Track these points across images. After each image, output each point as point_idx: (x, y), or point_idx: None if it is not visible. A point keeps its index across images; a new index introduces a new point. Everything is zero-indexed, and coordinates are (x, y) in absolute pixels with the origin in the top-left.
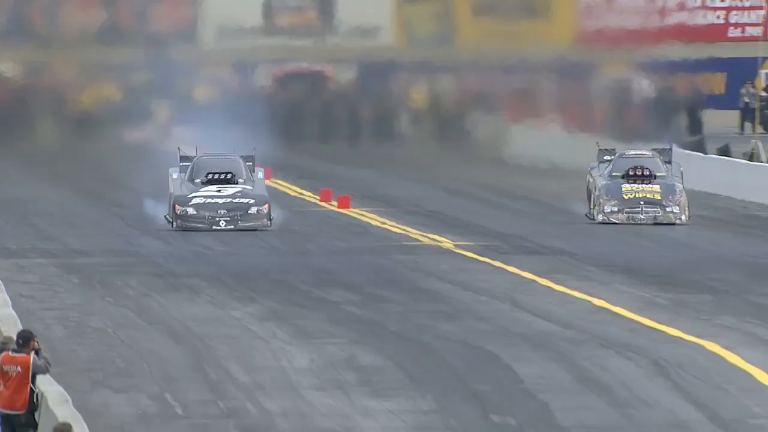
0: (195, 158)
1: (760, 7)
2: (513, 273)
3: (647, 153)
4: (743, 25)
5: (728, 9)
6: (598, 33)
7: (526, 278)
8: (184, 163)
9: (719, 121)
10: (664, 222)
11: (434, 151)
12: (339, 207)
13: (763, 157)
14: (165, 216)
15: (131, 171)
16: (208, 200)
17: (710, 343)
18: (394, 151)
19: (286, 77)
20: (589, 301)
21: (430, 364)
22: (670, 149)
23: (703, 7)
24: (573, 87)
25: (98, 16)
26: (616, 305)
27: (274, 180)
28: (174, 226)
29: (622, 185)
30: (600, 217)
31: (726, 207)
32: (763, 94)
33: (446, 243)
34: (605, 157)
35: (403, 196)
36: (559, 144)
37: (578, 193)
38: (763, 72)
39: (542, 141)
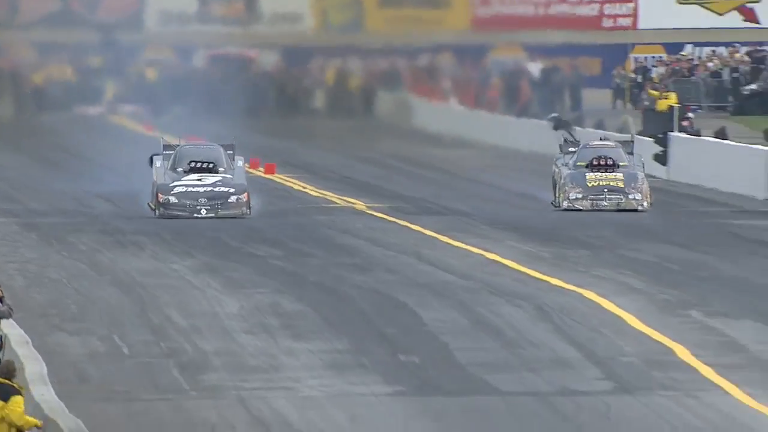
0: (177, 147)
1: (630, 1)
2: (417, 231)
3: (611, 143)
4: (615, 17)
5: (602, 2)
6: (492, 20)
7: (429, 235)
8: (167, 152)
9: (595, 98)
10: (627, 208)
11: (348, 125)
12: (265, 173)
13: (633, 130)
14: (148, 203)
15: (83, 142)
16: (190, 189)
17: (587, 291)
18: (312, 124)
19: (218, 59)
20: (483, 255)
21: (345, 310)
22: (632, 141)
23: (581, 0)
24: (469, 67)
25: (53, 3)
26: (506, 258)
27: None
28: (156, 213)
29: (586, 174)
30: (565, 204)
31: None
32: (632, 75)
33: (359, 205)
34: (570, 149)
35: (321, 164)
36: (457, 117)
37: (473, 160)
38: (632, 56)
39: (442, 115)
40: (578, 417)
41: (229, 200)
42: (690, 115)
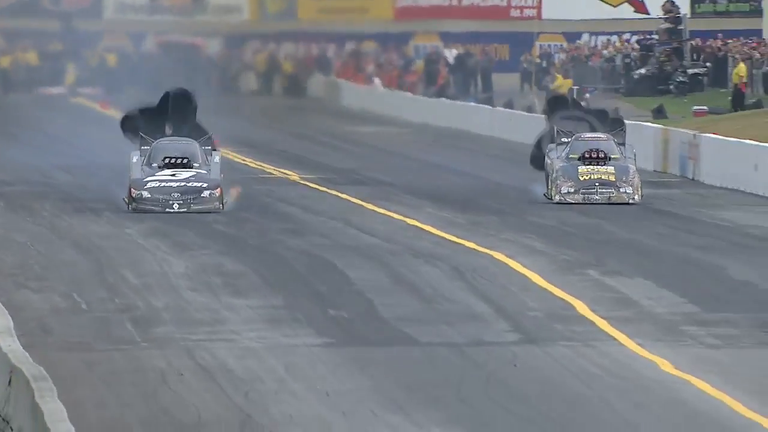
0: (153, 143)
1: None
2: (345, 199)
3: (602, 136)
4: (521, 8)
5: None
6: (412, 10)
7: (355, 203)
8: (144, 147)
9: (504, 81)
10: (618, 202)
11: (283, 104)
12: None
13: (539, 109)
14: (123, 198)
15: (45, 119)
16: (163, 184)
17: (497, 253)
18: (251, 104)
19: (168, 46)
20: (404, 221)
21: (280, 270)
22: (623, 130)
23: None
24: (392, 53)
25: None
26: (425, 224)
27: None
28: (129, 208)
29: (578, 167)
30: (557, 198)
31: (512, 148)
32: (537, 60)
33: (293, 176)
34: (562, 139)
35: (259, 139)
36: (381, 98)
37: (394, 136)
38: (537, 44)
39: (367, 96)
40: (488, 365)
41: (201, 195)
42: (587, 95)
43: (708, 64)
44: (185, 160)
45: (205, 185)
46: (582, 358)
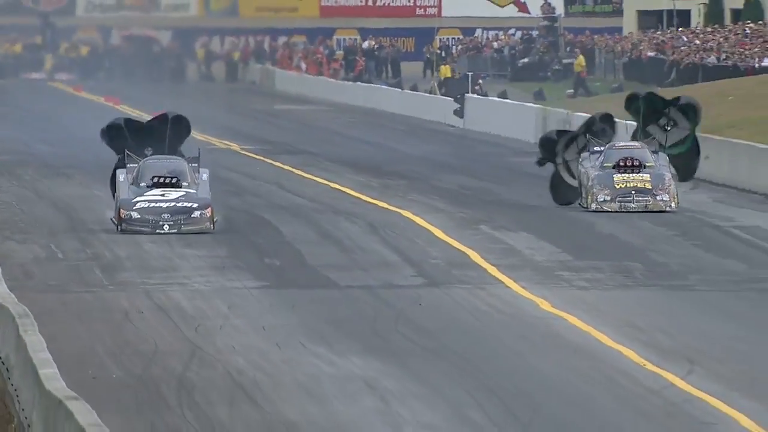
0: (141, 161)
1: None
2: (278, 166)
3: (636, 144)
4: (425, 7)
5: None
6: (335, 9)
7: (287, 170)
8: (130, 165)
9: (410, 69)
10: (655, 210)
11: (226, 87)
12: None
13: (438, 92)
14: (111, 218)
15: (28, 99)
16: (152, 204)
17: (405, 211)
18: (198, 87)
19: (129, 38)
20: (328, 185)
21: (223, 226)
22: (656, 140)
23: None
24: (318, 45)
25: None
26: (345, 187)
27: (124, 105)
28: (118, 229)
29: (614, 175)
30: (593, 206)
31: (417, 124)
32: (438, 51)
33: (235, 147)
34: (595, 148)
35: (205, 116)
36: (308, 82)
37: (319, 114)
38: (437, 37)
39: (297, 81)
40: (398, 304)
41: (192, 215)
42: (480, 81)
43: (576, 55)
44: (174, 180)
45: (195, 205)
46: (475, 298)
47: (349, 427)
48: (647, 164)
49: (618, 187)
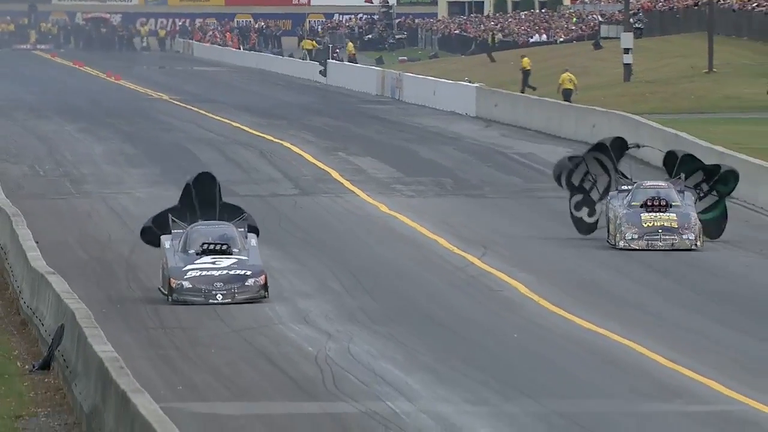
0: (188, 228)
1: None
2: (195, 111)
3: (663, 184)
4: None
5: None
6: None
7: (202, 113)
8: (176, 231)
9: (288, 42)
10: (681, 248)
11: (160, 56)
12: (115, 80)
13: (308, 58)
14: (159, 288)
15: (17, 63)
16: (204, 273)
17: (285, 142)
18: (140, 56)
19: (89, 20)
20: (230, 123)
21: (156, 151)
22: (681, 178)
23: None
24: (224, 25)
25: None
26: (243, 125)
27: (87, 67)
28: (169, 300)
29: (641, 214)
30: (621, 244)
31: (293, 81)
32: (307, 30)
33: (165, 96)
34: (622, 187)
35: (144, 76)
36: (217, 51)
37: (225, 74)
38: (308, 20)
39: (209, 50)
40: (281, 208)
41: (246, 283)
42: (337, 50)
43: (405, 33)
44: (225, 247)
45: (248, 273)
46: (336, 205)
47: None
48: (674, 203)
49: (646, 225)
